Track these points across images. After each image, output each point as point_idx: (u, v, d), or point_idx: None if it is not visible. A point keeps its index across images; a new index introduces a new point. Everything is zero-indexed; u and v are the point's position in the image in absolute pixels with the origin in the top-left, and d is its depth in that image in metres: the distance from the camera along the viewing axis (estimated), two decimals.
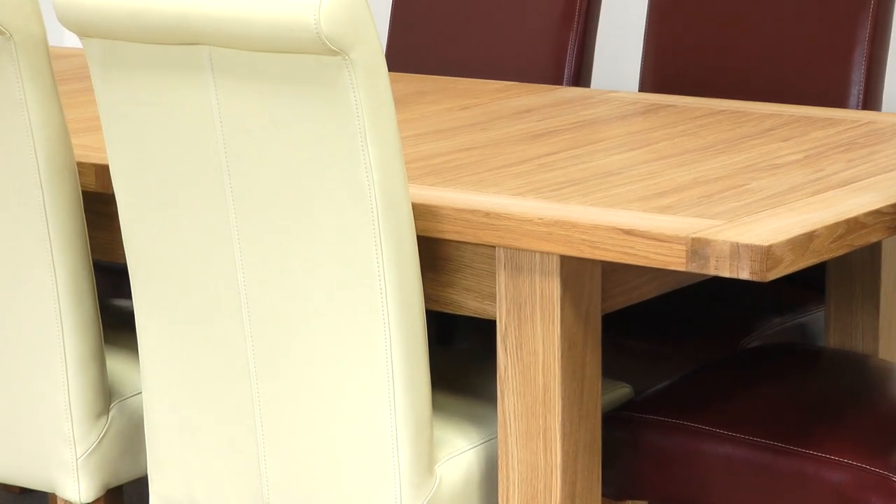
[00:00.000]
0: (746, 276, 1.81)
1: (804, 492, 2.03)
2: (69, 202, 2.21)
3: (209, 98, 1.99)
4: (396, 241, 1.96)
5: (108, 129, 2.10)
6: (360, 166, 1.93)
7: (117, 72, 2.05)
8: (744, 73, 2.87)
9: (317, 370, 2.03)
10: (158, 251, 2.12)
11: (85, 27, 2.04)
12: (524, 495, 2.05)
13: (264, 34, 1.90)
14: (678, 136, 2.42)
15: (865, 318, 2.52)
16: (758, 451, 2.06)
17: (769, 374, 2.31)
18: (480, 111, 2.63)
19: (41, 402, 2.27)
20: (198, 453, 2.16)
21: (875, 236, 1.98)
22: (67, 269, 2.22)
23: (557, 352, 1.99)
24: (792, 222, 1.89)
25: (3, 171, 2.20)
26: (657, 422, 2.14)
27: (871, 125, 2.50)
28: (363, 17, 1.88)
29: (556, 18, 3.04)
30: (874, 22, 2.77)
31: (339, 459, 2.05)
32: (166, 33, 1.97)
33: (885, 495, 1.98)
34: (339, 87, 1.90)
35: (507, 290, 2.01)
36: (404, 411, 1.99)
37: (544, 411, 2.01)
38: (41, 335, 2.25)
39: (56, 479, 2.29)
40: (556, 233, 1.93)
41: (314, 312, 2.02)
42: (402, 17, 3.21)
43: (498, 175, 2.17)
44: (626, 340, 2.56)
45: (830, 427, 2.08)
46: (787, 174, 2.16)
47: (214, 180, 2.03)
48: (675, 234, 1.85)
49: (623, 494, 2.16)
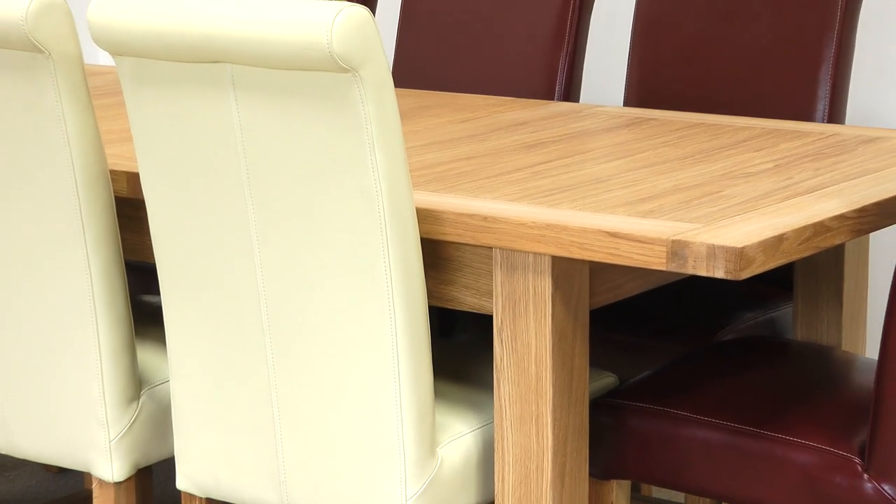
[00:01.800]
0: (722, 275, 1.81)
1: (774, 472, 2.03)
2: (103, 207, 2.20)
3: (231, 112, 1.99)
4: (402, 242, 1.96)
5: (139, 139, 2.10)
6: (369, 174, 1.93)
7: (146, 87, 2.05)
8: (719, 90, 2.87)
9: (328, 361, 2.03)
10: (184, 252, 2.12)
11: (117, 46, 2.04)
12: (518, 475, 2.05)
13: (281, 53, 1.90)
14: (659, 147, 2.41)
15: (830, 313, 2.52)
16: (732, 435, 2.06)
17: (742, 364, 2.31)
18: (478, 124, 2.63)
19: (78, 389, 2.27)
20: (220, 436, 2.16)
21: (839, 239, 1.99)
22: (101, 268, 2.22)
23: (549, 344, 1.99)
24: (763, 226, 1.89)
25: (43, 178, 2.20)
26: (640, 408, 2.14)
27: (836, 137, 2.49)
28: (372, 37, 1.88)
29: (548, 40, 3.04)
30: (838, 43, 2.77)
31: (349, 442, 2.04)
32: (191, 52, 1.97)
33: (849, 476, 1.98)
34: (350, 102, 1.90)
35: (503, 288, 2.01)
36: (409, 398, 1.99)
37: (536, 398, 2.01)
38: (78, 328, 2.24)
39: (91, 459, 2.29)
40: (548, 235, 1.93)
41: (326, 307, 2.01)
42: (408, 37, 3.21)
43: (494, 182, 2.17)
44: (611, 334, 2.55)
45: (798, 413, 2.08)
46: (759, 182, 2.16)
47: (235, 186, 2.03)
48: (656, 237, 1.85)
49: (608, 474, 2.16)
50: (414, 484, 2.02)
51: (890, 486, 1.95)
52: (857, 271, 2.53)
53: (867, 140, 2.47)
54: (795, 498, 2.02)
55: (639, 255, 1.86)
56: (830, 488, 1.99)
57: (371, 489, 2.04)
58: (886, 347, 1.94)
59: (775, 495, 2.04)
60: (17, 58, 2.14)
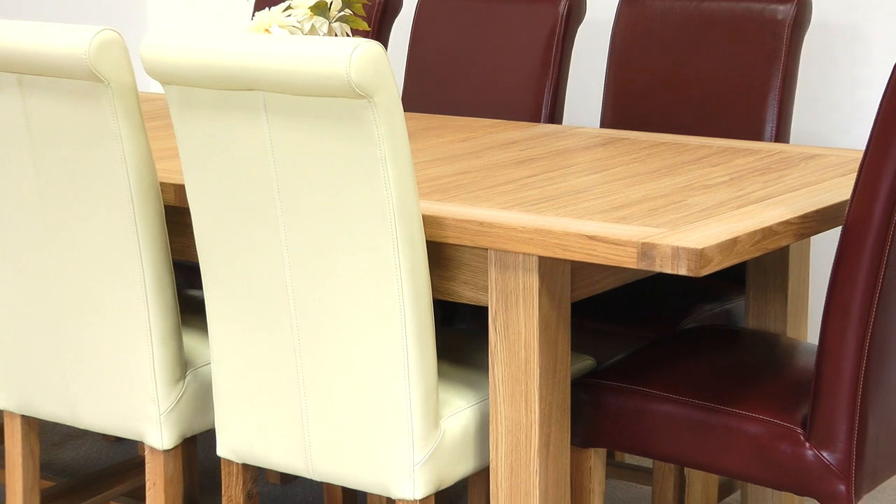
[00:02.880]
0: (684, 272, 1.81)
1: (729, 441, 2.03)
2: (154, 214, 2.20)
3: (263, 132, 1.99)
4: (410, 244, 1.96)
5: (184, 156, 2.10)
6: (381, 186, 1.93)
7: (191, 112, 2.06)
8: (682, 113, 2.86)
9: (347, 346, 2.03)
10: (224, 252, 2.12)
11: (166, 76, 2.05)
12: (510, 444, 2.04)
13: (306, 82, 1.90)
14: (630, 163, 2.41)
15: (777, 305, 2.51)
16: (693, 409, 2.06)
17: (702, 349, 2.30)
18: (475, 143, 2.63)
19: (133, 370, 2.27)
20: (254, 410, 2.16)
21: (785, 241, 1.99)
22: (152, 266, 2.22)
23: (536, 331, 1.99)
24: (720, 230, 1.89)
25: (102, 190, 2.20)
26: (614, 386, 2.14)
27: (782, 154, 2.49)
28: (384, 69, 1.88)
29: (536, 70, 3.04)
30: (784, 74, 2.77)
31: (365, 416, 2.04)
32: (229, 81, 1.98)
33: (793, 444, 1.98)
34: (365, 124, 1.90)
35: (497, 283, 2.01)
36: (416, 378, 1.99)
37: (525, 378, 2.01)
38: (133, 318, 2.24)
39: (144, 430, 2.28)
40: (535, 238, 1.93)
41: (345, 300, 2.01)
42: (415, 68, 3.21)
43: (489, 193, 2.17)
44: (590, 322, 2.55)
45: (749, 390, 2.07)
46: (716, 193, 2.16)
47: (267, 196, 2.03)
48: (628, 239, 1.85)
49: (587, 443, 2.15)
50: (420, 451, 2.02)
51: (828, 453, 1.95)
52: (800, 269, 2.52)
53: (808, 157, 2.46)
54: (747, 463, 2.02)
55: (613, 256, 1.86)
56: (777, 455, 1.99)
57: (384, 456, 2.04)
58: (825, 334, 1.94)
59: (730, 461, 2.03)
60: (81, 87, 2.14)
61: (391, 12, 3.27)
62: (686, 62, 2.88)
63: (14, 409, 2.43)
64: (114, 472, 2.81)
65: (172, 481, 2.30)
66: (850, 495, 1.96)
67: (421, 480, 2.02)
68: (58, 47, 2.12)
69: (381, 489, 2.06)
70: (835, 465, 1.96)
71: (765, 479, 2.02)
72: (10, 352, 2.40)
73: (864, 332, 1.92)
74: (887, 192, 1.87)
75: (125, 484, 2.77)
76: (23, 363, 2.40)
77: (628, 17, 2.96)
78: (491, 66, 3.09)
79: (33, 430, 2.47)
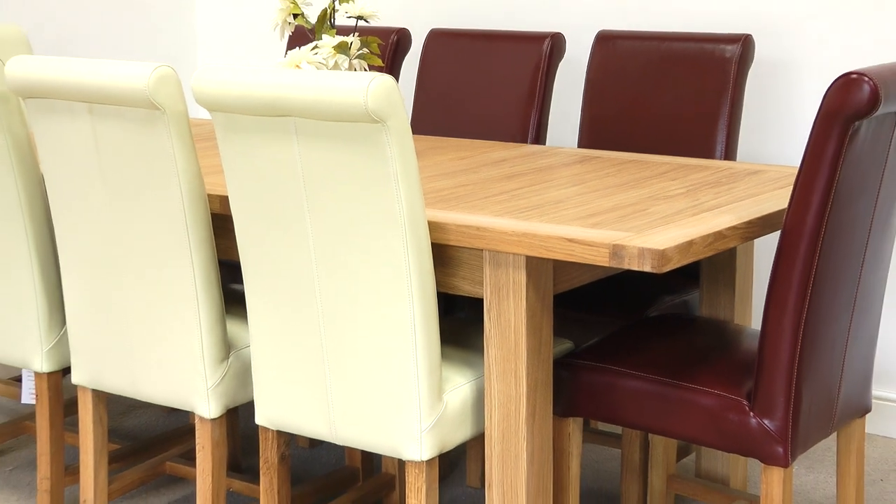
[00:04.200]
0: (649, 269, 1.81)
1: (686, 412, 2.03)
2: (202, 220, 2.20)
3: (294, 151, 1.99)
4: (417, 245, 1.96)
5: (228, 172, 2.10)
6: (393, 196, 1.93)
7: (234, 134, 2.06)
8: (646, 135, 2.86)
9: (365, 331, 2.03)
10: (261, 252, 2.12)
11: (212, 105, 2.05)
12: (501, 414, 2.04)
13: (330, 109, 1.90)
14: (603, 177, 2.41)
15: (726, 297, 2.51)
16: (655, 384, 2.06)
17: (663, 333, 2.30)
18: (472, 161, 2.62)
19: (185, 352, 2.27)
20: (286, 385, 2.15)
21: (733, 243, 1.99)
22: (201, 264, 2.22)
23: (524, 319, 1.99)
24: (678, 234, 1.89)
25: (160, 200, 2.20)
26: (589, 365, 2.14)
27: (730, 170, 2.49)
28: (396, 98, 1.88)
29: (523, 99, 3.04)
30: (731, 102, 2.77)
31: (379, 390, 2.04)
32: (266, 109, 1.98)
33: (738, 413, 1.98)
34: (380, 145, 1.90)
35: (491, 279, 2.01)
36: (423, 358, 2.00)
37: (514, 358, 2.01)
38: (185, 308, 2.24)
39: (194, 402, 2.28)
40: (523, 241, 1.93)
41: (363, 293, 2.01)
42: (422, 98, 3.21)
43: (484, 202, 2.16)
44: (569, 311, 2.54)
45: (703, 368, 2.08)
46: (675, 202, 2.16)
47: (297, 205, 2.03)
48: (601, 242, 1.85)
49: (567, 413, 2.15)
50: (426, 420, 2.02)
51: (768, 421, 1.96)
52: (745, 267, 2.52)
53: (752, 172, 2.46)
54: (701, 430, 2.02)
55: (589, 255, 1.86)
56: (726, 423, 1.99)
57: (396, 424, 2.04)
58: (766, 321, 1.95)
59: (687, 428, 2.04)
60: (142, 114, 2.14)
61: (402, 50, 3.28)
62: (649, 93, 2.88)
63: (86, 384, 2.44)
64: (169, 437, 2.81)
65: (218, 445, 2.30)
66: (787, 456, 1.96)
67: (427, 444, 2.03)
68: (122, 81, 2.12)
69: (393, 452, 2.06)
70: (774, 431, 1.96)
71: (715, 443, 2.02)
72: (84, 336, 2.41)
73: (798, 319, 1.92)
74: (818, 202, 1.87)
75: (178, 447, 2.78)
76: (94, 346, 2.40)
77: (601, 55, 2.96)
78: (485, 96, 3.09)
79: (102, 401, 2.47)
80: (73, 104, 2.22)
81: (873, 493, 2.70)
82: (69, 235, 2.36)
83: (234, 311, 2.42)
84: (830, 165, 1.85)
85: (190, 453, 2.74)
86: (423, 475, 2.04)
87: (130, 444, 2.79)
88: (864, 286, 2.07)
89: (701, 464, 2.62)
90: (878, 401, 3.02)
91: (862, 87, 1.81)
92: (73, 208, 2.32)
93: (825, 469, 2.83)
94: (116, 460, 2.71)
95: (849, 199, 1.92)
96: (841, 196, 1.89)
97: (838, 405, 2.10)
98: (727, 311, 2.52)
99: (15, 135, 2.42)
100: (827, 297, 1.96)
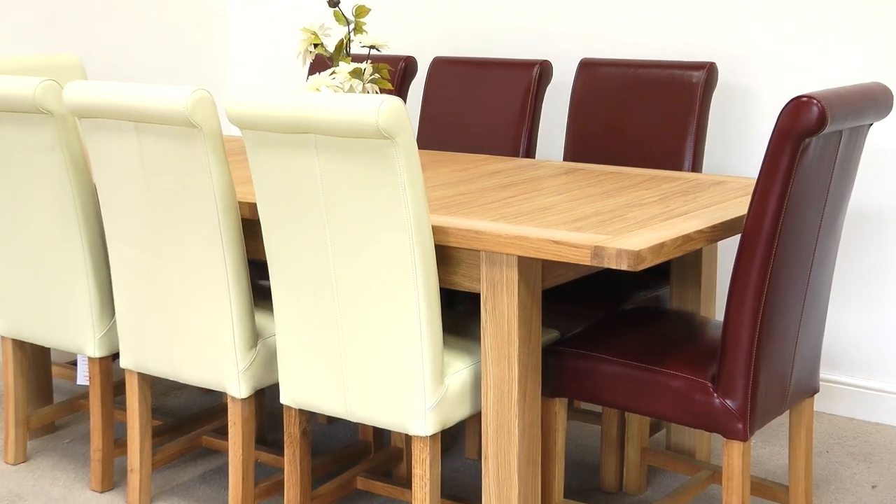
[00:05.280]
0: (626, 267, 1.81)
1: (657, 393, 2.03)
2: (234, 224, 2.20)
3: (314, 164, 1.99)
4: (422, 247, 1.96)
5: (256, 182, 2.10)
6: (401, 203, 1.93)
7: (261, 149, 2.05)
8: (624, 150, 2.86)
9: (375, 321, 2.03)
10: (285, 253, 2.11)
11: (243, 123, 2.05)
12: (496, 395, 2.04)
13: (346, 127, 1.90)
14: (586, 187, 2.40)
15: (693, 292, 2.51)
16: (631, 369, 2.06)
17: (638, 324, 2.30)
18: (470, 172, 2.62)
19: (219, 340, 2.27)
20: (307, 369, 2.15)
21: (699, 245, 1.99)
22: (233, 263, 2.22)
23: (516, 311, 1.99)
24: (651, 237, 1.89)
25: (196, 207, 2.20)
26: (573, 352, 2.14)
27: (696, 181, 2.49)
28: (404, 117, 1.88)
29: (515, 118, 3.03)
30: (698, 121, 2.76)
31: (389, 374, 2.04)
32: (289, 126, 1.98)
33: (704, 394, 1.98)
34: (389, 158, 1.90)
35: (487, 276, 2.01)
36: (427, 346, 1.99)
37: (507, 346, 2.01)
38: (218, 302, 2.24)
39: (227, 383, 2.28)
40: (515, 243, 1.93)
41: (374, 288, 2.01)
42: (426, 117, 3.21)
43: (481, 209, 2.16)
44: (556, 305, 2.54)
45: (673, 355, 2.07)
46: (648, 209, 2.16)
47: (316, 211, 2.03)
48: (584, 243, 1.85)
49: (554, 394, 2.15)
50: (430, 400, 2.02)
51: (730, 401, 1.95)
52: (710, 265, 2.52)
53: (716, 183, 2.46)
54: (671, 409, 2.02)
55: (573, 256, 1.87)
56: (693, 403, 1.99)
57: (403, 403, 2.04)
58: (728, 313, 1.95)
59: (658, 407, 2.03)
60: (181, 131, 2.14)
61: (409, 75, 3.27)
62: (626, 113, 2.87)
63: (132, 368, 2.44)
64: (204, 415, 2.81)
65: (248, 421, 2.30)
66: (746, 431, 1.96)
67: (431, 421, 2.03)
68: (164, 103, 2.12)
69: (401, 428, 2.06)
70: (735, 409, 1.96)
71: (683, 420, 2.02)
72: (130, 326, 2.41)
73: (756, 311, 1.92)
74: (773, 209, 1.87)
75: (213, 423, 2.77)
76: (139, 334, 2.40)
77: (583, 80, 2.96)
78: (482, 116, 3.09)
79: (146, 383, 2.47)
80: (121, 123, 2.22)
81: (820, 463, 2.70)
82: (118, 238, 2.36)
83: (261, 304, 2.42)
84: (784, 177, 1.85)
85: (223, 429, 2.74)
86: (427, 448, 2.04)
87: (171, 420, 2.79)
88: (814, 282, 2.07)
89: (671, 438, 2.62)
90: (824, 383, 3.03)
91: (811, 109, 1.81)
92: (122, 215, 2.33)
93: (779, 442, 2.83)
94: (159, 434, 2.71)
95: (800, 207, 1.92)
96: (793, 204, 1.89)
97: (791, 387, 2.10)
98: (694, 305, 2.52)
99: (71, 150, 2.42)
100: (781, 292, 1.96)
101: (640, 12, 3.18)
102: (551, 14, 3.34)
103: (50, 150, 2.41)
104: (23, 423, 2.72)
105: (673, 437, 2.62)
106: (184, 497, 2.57)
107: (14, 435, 2.71)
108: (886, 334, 2.93)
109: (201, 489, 2.61)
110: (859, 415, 2.97)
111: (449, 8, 3.53)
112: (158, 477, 2.66)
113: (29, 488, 2.60)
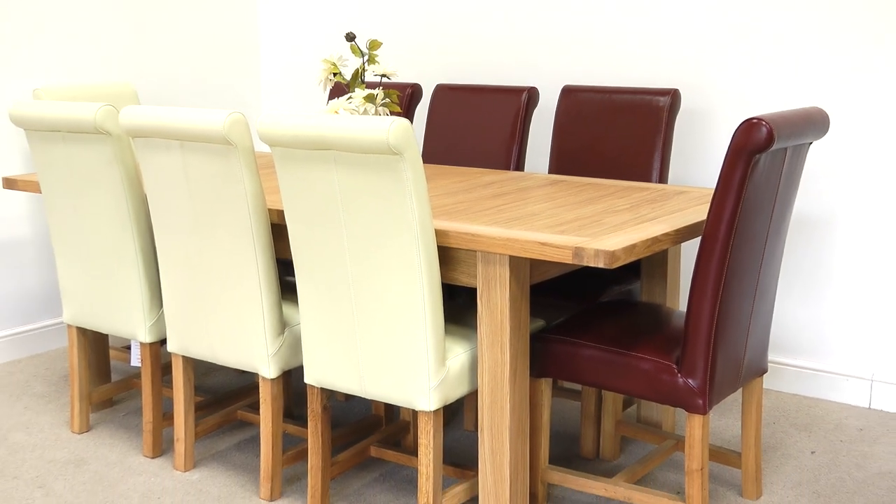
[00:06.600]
0: (602, 265, 1.81)
1: (630, 373, 2.03)
2: (264, 228, 2.19)
3: (333, 177, 1.99)
4: (426, 247, 1.95)
5: (283, 192, 2.09)
6: (408, 210, 1.92)
7: (288, 163, 2.05)
8: (600, 164, 2.86)
9: (386, 312, 2.02)
10: (308, 253, 2.11)
11: (272, 141, 2.04)
12: (490, 375, 2.04)
13: (361, 145, 1.90)
14: (568, 196, 2.40)
15: (659, 286, 2.50)
16: (607, 353, 2.06)
17: (613, 314, 2.29)
18: (468, 183, 2.62)
19: (252, 328, 2.26)
20: (327, 352, 2.14)
21: (666, 246, 1.99)
22: (264, 262, 2.21)
23: (507, 303, 1.99)
24: (624, 239, 1.89)
25: (232, 214, 2.19)
26: (557, 339, 2.13)
27: (663, 191, 2.49)
28: (411, 136, 1.88)
29: (507, 136, 3.03)
30: (664, 139, 2.76)
31: (397, 356, 2.03)
32: (313, 144, 1.97)
33: (669, 375, 1.98)
34: (398, 171, 1.90)
35: (482, 273, 2.00)
36: (430, 333, 1.99)
37: (500, 333, 2.01)
38: (251, 295, 2.23)
39: (258, 365, 2.27)
40: (507, 244, 1.92)
41: (385, 283, 2.01)
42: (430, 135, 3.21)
43: (477, 215, 2.16)
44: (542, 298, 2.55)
45: (643, 340, 2.07)
46: (622, 215, 2.15)
47: (335, 217, 2.02)
48: (566, 245, 1.85)
49: (540, 375, 2.15)
50: (434, 380, 2.01)
51: (692, 380, 1.95)
52: (675, 263, 2.51)
53: (680, 192, 2.46)
54: (641, 387, 2.01)
55: (557, 255, 1.86)
56: (660, 383, 1.99)
57: (410, 382, 2.03)
58: (690, 305, 1.94)
59: (630, 386, 2.03)
60: (219, 149, 2.14)
61: (416, 100, 3.27)
62: (602, 132, 2.87)
63: (178, 352, 2.43)
64: (240, 392, 2.81)
65: (276, 398, 2.29)
66: (705, 406, 1.96)
67: (434, 398, 2.02)
68: (205, 124, 2.12)
69: (408, 404, 2.05)
70: (696, 387, 1.96)
71: (652, 397, 2.01)
72: (176, 316, 2.40)
73: (714, 303, 1.92)
74: (729, 215, 1.87)
75: (247, 399, 2.77)
76: (183, 323, 2.39)
77: (566, 103, 2.96)
78: (478, 134, 3.09)
79: (190, 364, 2.47)
80: (168, 142, 2.22)
81: (767, 433, 2.69)
82: (165, 241, 2.35)
83: (288, 297, 2.42)
84: (738, 188, 1.85)
85: (255, 404, 2.74)
86: (431, 422, 2.03)
87: (211, 397, 2.79)
88: (763, 278, 2.06)
89: (641, 412, 2.62)
90: (772, 364, 3.02)
91: (761, 129, 1.81)
92: (168, 220, 2.32)
93: (733, 415, 2.83)
94: (200, 409, 2.70)
95: (751, 213, 1.92)
96: (746, 210, 1.89)
97: (744, 368, 2.09)
98: (661, 298, 2.51)
99: (126, 165, 2.42)
100: (735, 286, 1.95)
101: (614, 46, 3.18)
102: (538, 48, 3.34)
103: (108, 165, 2.41)
104: (85, 398, 2.72)
105: (643, 412, 2.61)
106: (222, 462, 2.57)
107: (78, 408, 2.72)
108: (824, 322, 2.93)
109: (237, 456, 2.61)
110: (801, 391, 2.97)
111: (450, 42, 3.53)
112: (200, 445, 2.66)
113: (91, 453, 2.61)
